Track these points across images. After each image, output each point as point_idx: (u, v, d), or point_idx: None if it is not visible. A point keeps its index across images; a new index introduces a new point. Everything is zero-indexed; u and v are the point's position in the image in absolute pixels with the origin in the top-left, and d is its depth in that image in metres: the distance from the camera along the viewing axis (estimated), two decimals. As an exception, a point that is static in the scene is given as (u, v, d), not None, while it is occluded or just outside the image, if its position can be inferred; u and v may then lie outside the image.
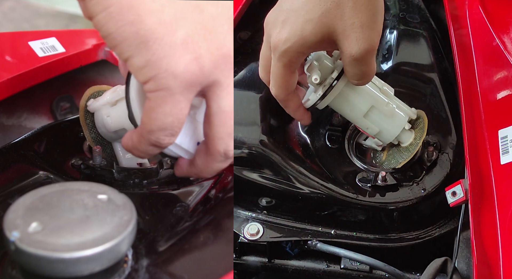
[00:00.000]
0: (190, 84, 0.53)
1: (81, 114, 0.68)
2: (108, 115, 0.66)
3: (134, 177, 0.67)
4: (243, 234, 0.70)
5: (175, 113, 0.54)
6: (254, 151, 0.72)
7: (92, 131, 0.69)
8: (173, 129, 0.55)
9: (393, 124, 0.68)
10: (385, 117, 0.67)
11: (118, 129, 0.66)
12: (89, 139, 0.68)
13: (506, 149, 0.62)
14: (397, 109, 0.68)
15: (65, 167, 0.69)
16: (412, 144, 0.69)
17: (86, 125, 0.68)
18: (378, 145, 0.71)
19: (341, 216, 0.71)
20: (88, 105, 0.68)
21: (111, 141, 0.70)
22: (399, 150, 0.70)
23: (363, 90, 0.66)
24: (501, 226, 0.56)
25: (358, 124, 0.68)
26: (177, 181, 0.68)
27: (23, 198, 0.50)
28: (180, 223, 0.61)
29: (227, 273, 0.51)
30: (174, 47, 0.52)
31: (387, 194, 0.69)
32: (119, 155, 0.70)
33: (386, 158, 0.71)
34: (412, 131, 0.70)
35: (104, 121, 0.67)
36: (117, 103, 0.66)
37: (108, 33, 0.52)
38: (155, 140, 0.55)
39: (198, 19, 0.54)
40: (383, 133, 0.68)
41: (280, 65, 0.60)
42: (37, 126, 0.73)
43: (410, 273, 0.68)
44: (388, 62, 0.79)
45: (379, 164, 0.72)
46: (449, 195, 0.62)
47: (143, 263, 0.54)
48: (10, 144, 0.70)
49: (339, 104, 0.66)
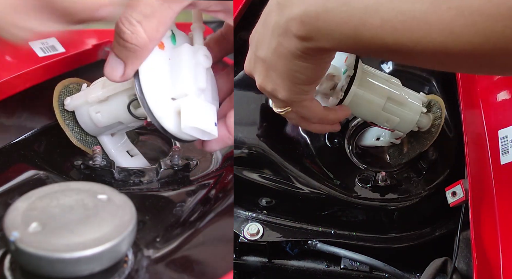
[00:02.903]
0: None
1: (58, 116, 0.68)
2: (97, 112, 0.66)
3: (134, 177, 0.67)
4: (243, 234, 0.70)
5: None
6: (254, 151, 0.72)
7: (75, 131, 0.68)
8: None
9: (411, 111, 0.67)
10: (402, 106, 0.67)
11: (111, 124, 0.66)
12: (74, 140, 0.68)
13: (506, 149, 0.62)
14: (409, 96, 0.68)
15: (65, 167, 0.69)
16: (434, 125, 0.69)
17: (66, 126, 0.68)
18: (396, 138, 0.71)
19: (341, 216, 0.71)
20: (66, 105, 0.67)
21: (98, 135, 0.69)
22: (420, 136, 0.70)
23: (375, 85, 0.66)
24: (501, 226, 0.56)
25: (378, 119, 0.67)
26: (177, 181, 0.68)
27: (23, 198, 0.50)
28: (180, 223, 0.61)
29: (227, 273, 0.51)
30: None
31: (387, 194, 0.69)
32: (108, 147, 0.69)
33: (408, 147, 0.71)
34: (429, 114, 0.69)
35: (93, 118, 0.66)
36: (108, 98, 0.65)
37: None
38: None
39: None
40: (403, 123, 0.68)
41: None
42: (37, 127, 0.73)
43: (410, 273, 0.68)
44: (388, 62, 0.79)
45: (399, 156, 0.71)
46: (449, 195, 0.62)
47: (143, 263, 0.54)
48: (10, 144, 0.70)
49: (356, 105, 0.65)
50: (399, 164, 0.71)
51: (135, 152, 0.72)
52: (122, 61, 0.56)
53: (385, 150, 0.73)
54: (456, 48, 0.42)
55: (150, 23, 0.54)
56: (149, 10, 0.53)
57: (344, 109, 0.63)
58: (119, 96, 0.63)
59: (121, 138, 0.71)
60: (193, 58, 0.60)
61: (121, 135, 0.71)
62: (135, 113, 0.63)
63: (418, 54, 0.45)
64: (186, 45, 0.60)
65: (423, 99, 0.69)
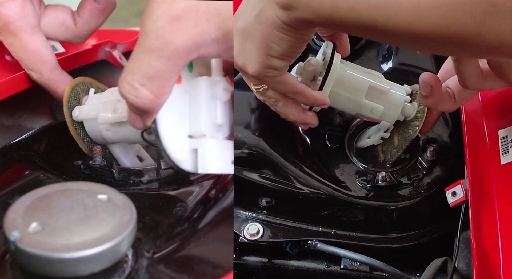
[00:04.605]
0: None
1: (70, 126, 0.67)
2: (108, 130, 0.65)
3: (134, 177, 0.67)
4: (243, 234, 0.70)
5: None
6: (254, 151, 0.72)
7: (85, 139, 0.68)
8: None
9: (395, 98, 0.68)
10: (385, 94, 0.68)
11: (122, 140, 0.66)
12: (85, 149, 0.68)
13: (506, 149, 0.62)
14: (392, 87, 0.69)
15: (65, 167, 0.69)
16: (419, 111, 0.69)
17: (78, 136, 0.68)
18: (385, 131, 0.71)
19: (341, 216, 0.71)
20: (75, 117, 0.67)
21: (108, 144, 0.69)
22: (408, 124, 0.70)
23: (356, 76, 0.67)
24: (501, 226, 0.56)
25: (362, 109, 0.68)
26: (177, 181, 0.68)
27: (23, 198, 0.50)
28: (180, 223, 0.61)
29: (227, 273, 0.51)
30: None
31: (387, 194, 0.69)
32: (118, 156, 0.69)
33: (398, 138, 0.71)
34: (414, 102, 0.70)
35: (102, 134, 0.66)
36: (119, 123, 0.64)
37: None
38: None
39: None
40: (388, 111, 0.68)
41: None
42: (37, 127, 0.73)
43: (410, 273, 0.68)
44: (388, 62, 0.79)
45: (393, 150, 0.71)
46: (449, 195, 0.62)
47: (143, 263, 0.54)
48: (10, 144, 0.70)
49: (338, 96, 0.66)
50: (396, 158, 0.71)
51: (144, 155, 0.71)
52: (138, 116, 0.55)
53: (378, 149, 0.73)
54: (423, 29, 0.45)
55: (155, 83, 0.52)
56: (152, 71, 0.52)
57: (322, 94, 0.63)
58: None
59: (132, 146, 0.71)
60: (211, 90, 0.58)
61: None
62: (149, 139, 0.62)
63: (390, 32, 0.47)
64: (204, 78, 0.58)
65: (407, 90, 0.70)
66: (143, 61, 0.52)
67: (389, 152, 0.72)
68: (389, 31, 0.47)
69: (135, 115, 0.55)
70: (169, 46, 0.51)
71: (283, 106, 0.63)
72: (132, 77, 0.52)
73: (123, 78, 0.53)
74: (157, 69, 0.52)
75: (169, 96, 0.54)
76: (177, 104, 0.57)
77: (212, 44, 0.53)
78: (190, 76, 0.59)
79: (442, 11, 0.43)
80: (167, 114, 0.56)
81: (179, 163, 0.57)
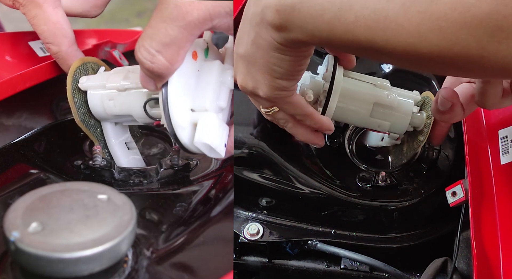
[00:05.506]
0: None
1: (68, 92, 0.66)
2: (111, 99, 0.65)
3: (134, 177, 0.67)
4: (243, 234, 0.70)
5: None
6: (254, 151, 0.72)
7: (80, 111, 0.67)
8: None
9: (402, 112, 0.66)
10: (391, 109, 0.66)
11: (121, 114, 0.66)
12: (77, 119, 0.67)
13: (506, 149, 0.62)
14: (399, 97, 0.67)
15: (65, 167, 0.69)
16: (426, 124, 0.68)
17: (74, 103, 0.67)
18: (396, 139, 0.70)
19: (341, 216, 0.71)
20: (81, 83, 0.66)
21: (103, 120, 0.68)
22: (416, 135, 0.69)
23: (360, 92, 0.65)
24: (501, 226, 0.56)
25: (368, 125, 0.67)
26: (177, 181, 0.68)
27: (23, 198, 0.50)
28: (180, 223, 0.61)
29: (227, 273, 0.51)
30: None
31: (387, 194, 0.69)
32: (109, 135, 0.69)
33: (407, 146, 0.70)
34: (422, 112, 0.68)
35: (104, 104, 0.65)
36: (126, 90, 0.64)
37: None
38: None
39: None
40: (395, 125, 0.67)
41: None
42: (37, 127, 0.73)
43: (410, 273, 0.68)
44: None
45: (400, 156, 0.71)
46: (449, 195, 0.62)
47: (143, 263, 0.54)
48: (10, 144, 0.70)
49: (342, 115, 0.65)
50: (400, 165, 0.71)
51: (132, 145, 0.71)
52: (151, 79, 0.58)
53: (389, 150, 0.73)
54: (424, 50, 0.43)
55: (170, 50, 0.55)
56: (169, 39, 0.55)
57: (328, 120, 0.62)
58: (138, 92, 0.63)
59: (124, 130, 0.71)
60: (221, 76, 0.61)
61: (125, 127, 0.71)
62: (149, 112, 0.63)
63: (389, 52, 0.46)
64: (218, 63, 0.61)
65: (416, 97, 0.68)
66: (161, 30, 0.54)
67: (396, 157, 0.72)
68: (388, 53, 0.46)
69: (148, 78, 0.58)
70: (187, 16, 0.54)
71: (293, 127, 0.62)
72: (150, 44, 0.55)
73: (140, 44, 0.56)
74: (173, 37, 0.54)
75: (181, 63, 0.57)
76: (189, 79, 0.59)
77: (225, 17, 0.55)
78: (204, 59, 0.62)
79: (444, 33, 0.42)
80: (178, 82, 0.58)
81: (177, 129, 0.57)
